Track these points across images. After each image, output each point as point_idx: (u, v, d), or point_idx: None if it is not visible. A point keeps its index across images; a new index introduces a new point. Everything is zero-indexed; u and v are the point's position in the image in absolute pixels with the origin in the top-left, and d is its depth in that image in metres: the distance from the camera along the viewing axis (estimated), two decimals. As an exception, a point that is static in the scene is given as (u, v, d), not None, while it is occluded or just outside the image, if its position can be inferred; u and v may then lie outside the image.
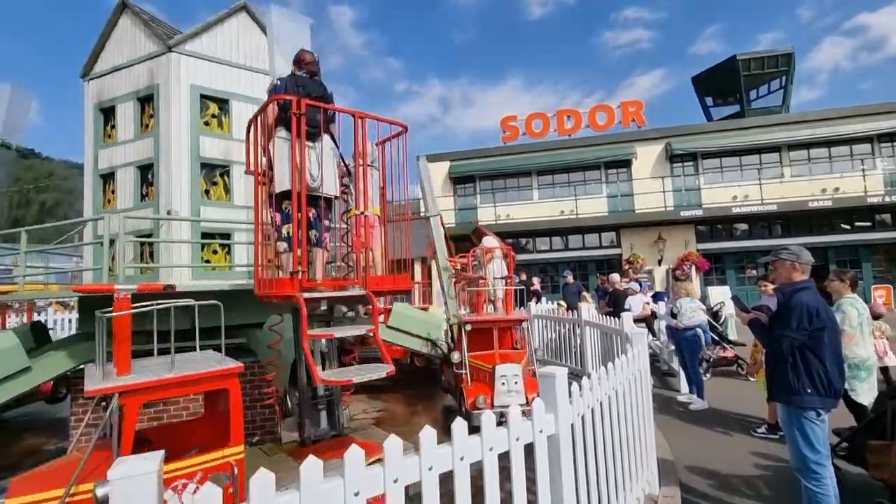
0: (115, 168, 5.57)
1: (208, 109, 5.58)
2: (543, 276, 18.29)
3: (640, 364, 3.58)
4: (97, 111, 5.74)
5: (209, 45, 5.58)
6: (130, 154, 5.51)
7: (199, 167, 5.37)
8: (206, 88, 5.50)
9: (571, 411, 2.39)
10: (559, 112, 19.78)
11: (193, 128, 5.36)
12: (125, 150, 5.55)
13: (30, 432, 6.23)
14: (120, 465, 1.18)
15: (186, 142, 5.28)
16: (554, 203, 18.99)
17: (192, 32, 5.44)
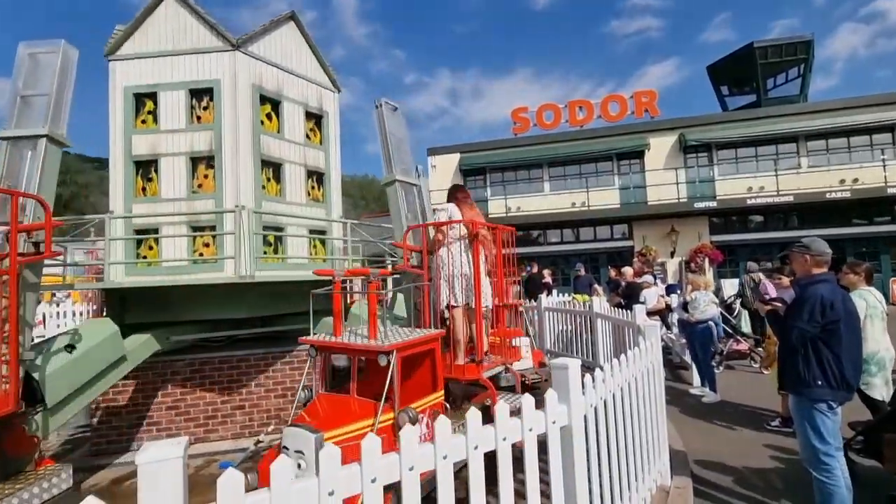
0: (159, 156, 5.55)
1: (263, 108, 5.80)
2: (554, 268, 18.23)
3: (652, 356, 3.58)
4: (129, 95, 5.66)
5: (265, 48, 5.84)
6: (181, 144, 5.52)
7: (260, 164, 5.58)
8: (264, 89, 5.75)
9: (584, 402, 2.41)
10: (571, 103, 19.58)
11: (256, 126, 5.58)
12: (172, 138, 5.55)
13: None
14: (149, 450, 1.24)
15: (249, 138, 5.49)
16: (565, 195, 18.88)
17: (254, 34, 5.65)
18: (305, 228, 6.22)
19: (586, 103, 19.59)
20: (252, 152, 5.57)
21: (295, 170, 6.16)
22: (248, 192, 5.48)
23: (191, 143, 5.55)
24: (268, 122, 5.93)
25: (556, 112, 19.57)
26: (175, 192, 5.54)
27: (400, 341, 3.39)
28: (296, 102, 6.18)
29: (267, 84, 5.85)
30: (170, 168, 5.57)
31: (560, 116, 19.49)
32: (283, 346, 5.99)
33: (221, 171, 5.43)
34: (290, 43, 6.24)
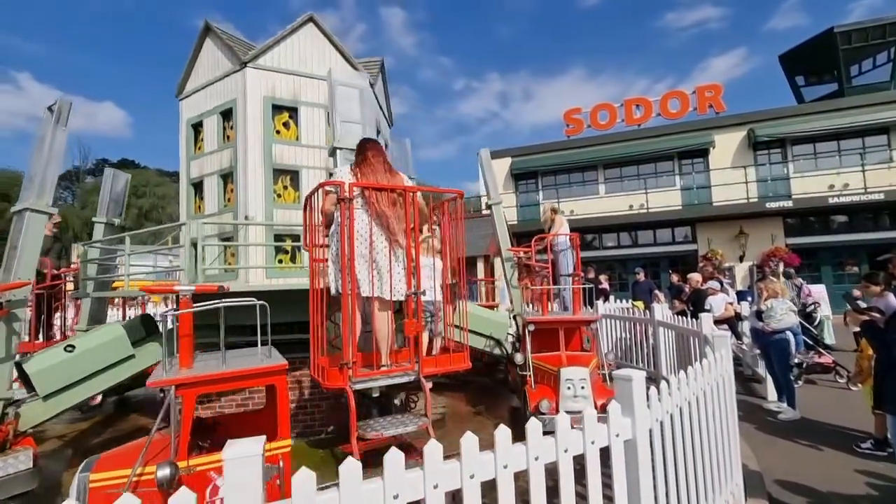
0: (203, 177, 6.11)
1: (279, 118, 5.96)
2: (611, 273, 17.61)
3: (722, 368, 3.37)
4: (189, 126, 6.33)
5: (280, 57, 5.95)
6: (214, 164, 6.00)
7: (272, 173, 5.76)
8: (277, 98, 5.86)
9: (650, 416, 2.31)
10: (627, 101, 18.90)
11: (267, 136, 5.75)
12: (210, 160, 6.06)
13: (141, 411, 7.03)
14: (232, 447, 1.33)
15: (260, 150, 5.68)
16: (622, 197, 18.21)
17: (265, 47, 5.82)
18: None
19: (643, 101, 18.83)
20: (263, 163, 5.70)
21: (315, 175, 6.07)
22: (259, 203, 5.63)
23: (219, 163, 5.94)
24: (284, 130, 6.01)
25: (612, 112, 18.95)
26: (211, 208, 6.01)
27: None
28: (316, 105, 6.12)
29: (281, 93, 5.93)
30: (209, 186, 6.06)
31: (615, 116, 18.86)
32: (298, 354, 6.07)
33: (237, 186, 5.69)
34: (310, 46, 6.23)
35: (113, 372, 4.75)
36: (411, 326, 3.35)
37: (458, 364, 3.69)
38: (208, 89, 6.13)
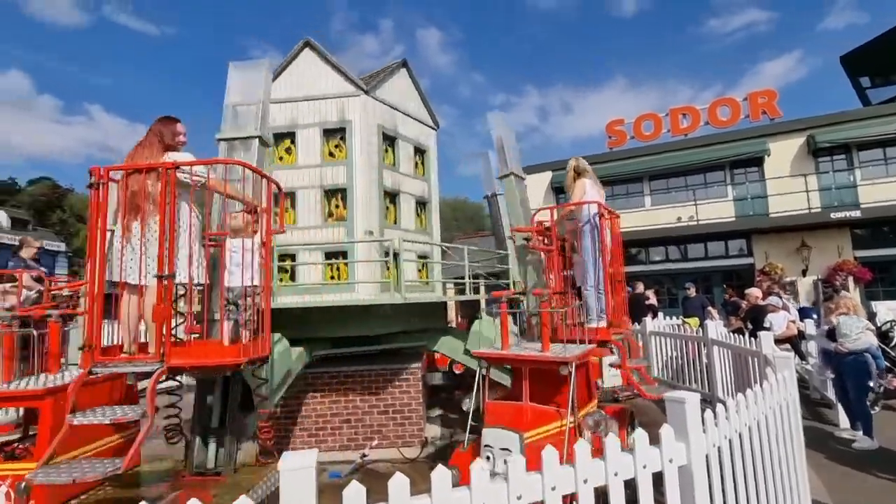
0: (295, 189, 6.23)
1: (384, 145, 6.45)
2: (658, 288, 16.93)
3: (786, 391, 3.15)
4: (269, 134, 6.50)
5: (386, 92, 6.55)
6: (315, 178, 6.19)
7: (383, 194, 6.18)
8: (385, 129, 6.42)
9: (706, 441, 2.20)
10: (673, 111, 18.35)
11: (380, 161, 6.23)
12: (308, 173, 6.23)
13: None
14: (289, 458, 1.40)
15: (375, 172, 6.13)
16: (669, 209, 17.56)
17: (378, 80, 6.41)
18: (414, 253, 6.56)
19: (690, 110, 18.21)
20: (377, 184, 6.17)
21: (407, 199, 6.72)
22: (374, 221, 6.04)
23: (323, 178, 6.19)
24: (387, 156, 6.57)
25: (657, 122, 18.44)
26: (308, 220, 6.18)
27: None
28: (407, 139, 6.82)
29: (387, 124, 6.51)
30: (305, 199, 6.22)
31: (661, 126, 18.33)
32: (385, 365, 6.29)
33: (352, 203, 5.99)
34: (403, 87, 6.98)
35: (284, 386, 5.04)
36: (158, 312, 3.00)
37: (214, 356, 3.19)
38: (305, 103, 6.36)
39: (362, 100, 6.15)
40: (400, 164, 6.64)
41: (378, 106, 6.36)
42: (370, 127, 6.18)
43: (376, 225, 6.04)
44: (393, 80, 6.75)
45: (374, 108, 6.28)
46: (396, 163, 6.61)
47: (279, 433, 6.09)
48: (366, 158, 6.07)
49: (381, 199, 6.21)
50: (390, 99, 6.60)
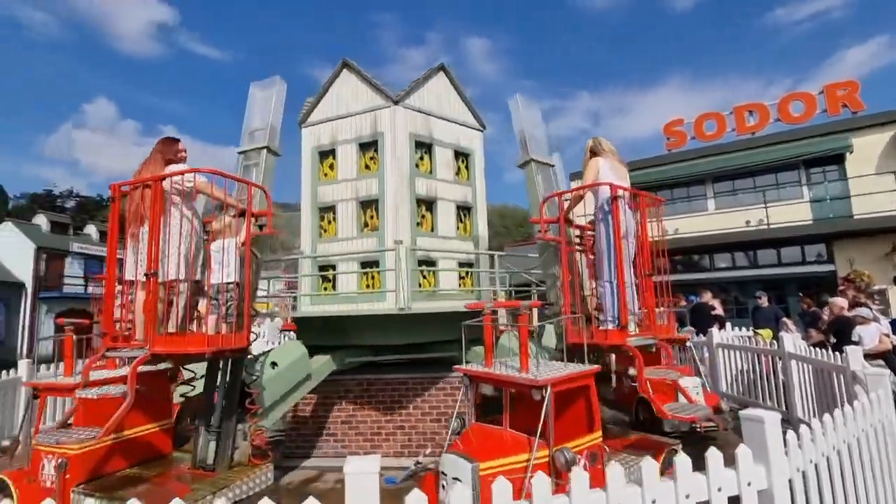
0: (334, 202, 6.51)
1: (418, 153, 6.49)
2: (725, 297, 15.87)
3: (881, 412, 2.85)
4: (315, 153, 6.78)
5: (420, 99, 6.55)
6: (350, 191, 6.44)
7: (415, 203, 6.25)
8: (419, 136, 6.44)
9: (788, 464, 2.02)
10: (738, 108, 17.26)
11: (412, 169, 6.27)
12: (346, 187, 6.48)
13: None
14: (353, 463, 1.44)
15: (407, 182, 6.17)
16: (736, 212, 16.48)
17: (410, 89, 6.46)
18: (454, 261, 6.54)
19: (758, 106, 17.05)
20: (409, 194, 6.17)
21: (445, 206, 6.61)
22: (406, 230, 6.02)
23: (358, 190, 6.39)
24: (422, 164, 6.55)
25: (720, 120, 17.43)
26: (346, 232, 6.40)
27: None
28: (445, 145, 6.71)
29: (421, 131, 6.48)
30: (343, 211, 6.46)
31: (724, 125, 17.30)
32: (437, 372, 6.31)
33: (383, 213, 6.10)
34: (441, 91, 6.85)
35: (300, 391, 5.26)
36: (145, 305, 3.44)
37: (189, 345, 3.53)
38: (345, 120, 6.62)
39: (392, 110, 6.23)
40: (437, 170, 6.56)
41: (410, 114, 6.34)
42: (401, 136, 6.22)
43: (407, 234, 5.96)
44: (428, 86, 6.67)
45: (404, 117, 6.28)
46: (433, 169, 6.55)
47: (341, 440, 6.25)
48: (395, 168, 6.10)
49: (413, 208, 6.17)
50: (425, 105, 6.55)
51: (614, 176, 4.11)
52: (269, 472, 4.13)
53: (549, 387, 3.16)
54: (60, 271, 22.04)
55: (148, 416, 4.28)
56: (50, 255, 21.71)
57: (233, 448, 4.08)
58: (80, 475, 3.67)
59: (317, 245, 6.59)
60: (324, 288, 6.53)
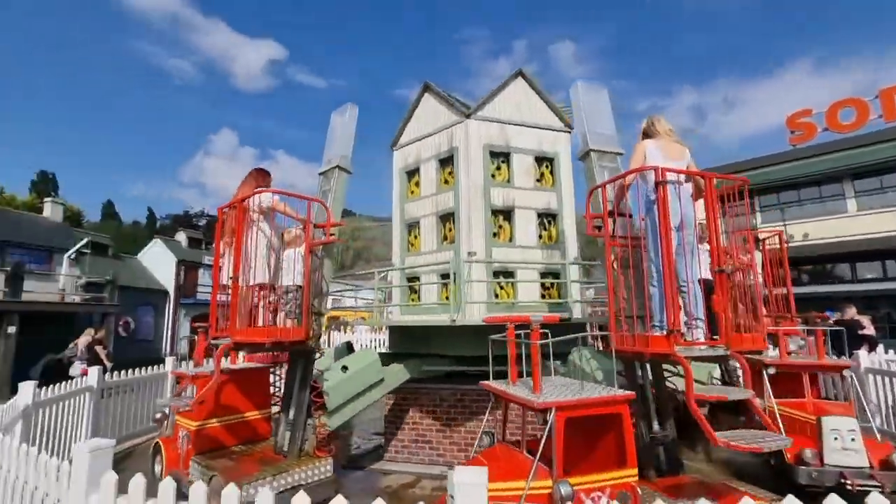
0: (419, 218, 6.84)
1: (493, 163, 6.50)
2: (874, 313, 13.41)
3: None
4: (403, 174, 7.23)
5: (495, 109, 6.59)
6: (431, 206, 6.70)
7: (490, 213, 6.26)
8: (494, 146, 6.46)
9: None
10: (884, 91, 14.69)
11: (486, 180, 6.32)
12: (427, 203, 6.78)
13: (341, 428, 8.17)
14: (460, 474, 1.41)
15: (480, 193, 6.23)
16: (884, 214, 13.95)
17: (483, 101, 6.54)
18: (536, 271, 6.28)
19: (914, 87, 14.35)
20: (483, 205, 6.16)
21: (524, 214, 6.43)
22: (480, 241, 6.03)
23: (437, 205, 6.59)
24: (498, 173, 6.50)
25: (861, 108, 14.98)
26: (428, 246, 6.63)
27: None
28: (525, 151, 6.58)
29: (496, 141, 6.45)
30: (426, 226, 6.74)
31: (867, 112, 14.83)
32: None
33: (458, 225, 6.19)
34: (519, 97, 6.77)
35: (373, 393, 5.56)
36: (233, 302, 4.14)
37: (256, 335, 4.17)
38: (426, 140, 6.94)
39: (465, 124, 6.35)
40: (515, 178, 6.44)
41: (483, 126, 6.37)
42: (474, 148, 6.29)
43: (481, 245, 5.97)
44: (505, 94, 6.63)
45: (477, 129, 6.34)
46: (511, 178, 6.45)
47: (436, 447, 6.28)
48: (468, 180, 6.18)
49: (488, 219, 6.15)
50: (502, 114, 6.52)
51: (664, 158, 3.57)
52: (328, 465, 4.47)
53: (554, 410, 2.93)
54: (195, 281, 25.49)
55: (252, 405, 5.18)
56: (187, 266, 25.24)
57: (302, 439, 4.60)
58: (198, 446, 4.66)
59: (405, 258, 6.92)
60: (411, 299, 6.76)
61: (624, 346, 3.43)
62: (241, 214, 4.27)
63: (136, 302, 21.70)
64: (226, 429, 4.95)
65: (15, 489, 2.88)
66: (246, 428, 5.13)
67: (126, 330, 20.51)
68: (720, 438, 2.74)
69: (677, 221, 3.38)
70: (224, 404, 4.96)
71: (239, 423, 5.09)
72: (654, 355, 3.28)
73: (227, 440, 4.92)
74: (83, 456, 2.22)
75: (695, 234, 3.53)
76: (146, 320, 22.77)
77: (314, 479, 4.28)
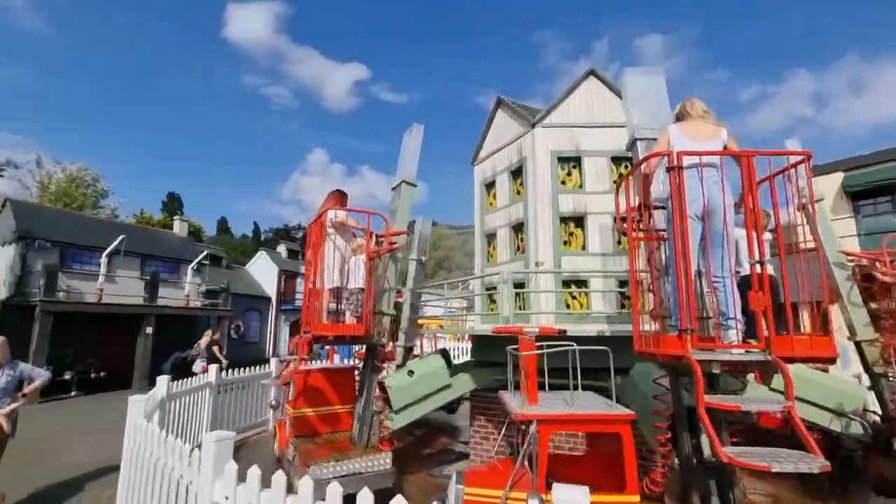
0: (496, 229, 7.02)
1: (563, 169, 6.39)
2: None
3: None
4: (482, 187, 7.49)
5: (563, 114, 6.48)
6: (505, 218, 6.85)
7: (559, 222, 6.11)
8: (562, 152, 6.38)
9: None
10: None
11: (553, 188, 6.25)
12: (501, 214, 6.95)
13: (440, 433, 8.24)
14: (560, 491, 1.32)
15: (548, 201, 6.18)
16: None
17: (551, 106, 6.47)
18: (615, 280, 5.85)
19: None
20: (550, 214, 6.04)
21: (598, 220, 6.10)
22: (547, 251, 5.90)
23: (510, 216, 6.68)
24: (569, 179, 6.30)
25: None
26: (503, 257, 6.73)
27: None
28: (599, 153, 6.27)
29: (565, 146, 6.26)
30: (501, 238, 6.87)
31: None
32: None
33: (527, 236, 6.20)
34: (592, 98, 6.51)
35: (439, 397, 5.85)
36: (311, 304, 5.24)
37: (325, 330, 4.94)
38: (501, 153, 7.13)
39: (531, 135, 6.34)
40: (587, 183, 6.16)
41: (550, 133, 6.25)
42: (541, 157, 6.23)
43: (549, 254, 5.86)
44: (575, 97, 6.42)
45: (543, 137, 6.26)
46: (582, 183, 6.19)
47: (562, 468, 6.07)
48: (535, 190, 6.15)
49: (556, 228, 5.99)
50: (571, 119, 6.33)
51: (690, 140, 3.24)
52: (387, 459, 4.77)
53: (535, 422, 2.98)
54: (294, 288, 27.75)
55: (339, 400, 6.04)
56: (287, 276, 27.54)
57: (369, 432, 5.09)
58: (296, 430, 5.62)
59: (485, 269, 7.14)
60: (490, 308, 6.82)
61: (642, 349, 3.17)
62: (318, 230, 5.07)
63: (245, 307, 24.15)
64: (318, 418, 5.82)
65: (156, 468, 3.29)
66: (334, 419, 5.91)
67: (236, 332, 22.87)
68: (726, 453, 2.42)
69: (698, 209, 3.05)
70: (316, 397, 5.86)
71: (329, 415, 5.93)
72: (666, 357, 2.96)
73: (319, 427, 5.74)
74: (210, 445, 2.47)
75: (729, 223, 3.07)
76: (253, 324, 25.23)
77: (372, 469, 4.62)
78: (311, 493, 2.07)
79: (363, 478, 4.48)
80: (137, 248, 17.41)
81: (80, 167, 29.07)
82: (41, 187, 27.46)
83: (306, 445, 5.22)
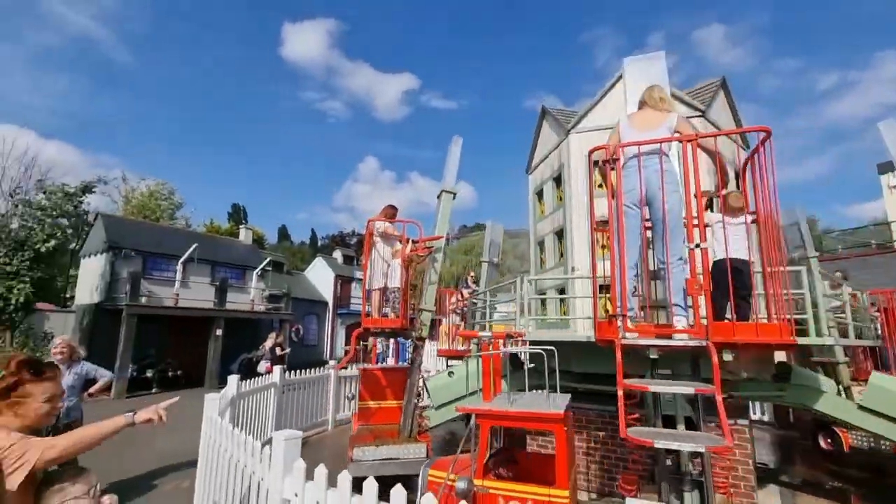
0: (544, 237, 7.19)
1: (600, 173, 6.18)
2: None
3: None
4: (534, 195, 7.67)
5: (597, 117, 6.33)
6: (550, 225, 6.98)
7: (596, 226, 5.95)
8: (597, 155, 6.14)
9: None
10: None
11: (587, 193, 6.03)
12: (548, 221, 7.11)
13: None
14: None
15: (584, 206, 6.13)
16: None
17: (585, 110, 6.32)
18: None
19: None
20: (586, 219, 5.82)
21: None
22: (582, 257, 5.87)
23: (553, 223, 6.79)
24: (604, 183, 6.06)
25: None
26: (550, 263, 6.85)
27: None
28: None
29: None
30: (548, 245, 7.04)
31: None
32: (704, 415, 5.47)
33: (565, 242, 6.29)
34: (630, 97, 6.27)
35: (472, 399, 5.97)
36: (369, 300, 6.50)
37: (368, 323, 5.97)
38: (545, 162, 7.31)
39: (567, 141, 6.33)
40: None
41: (584, 137, 6.14)
42: (575, 162, 6.16)
43: (584, 261, 5.80)
44: (609, 98, 6.18)
45: (578, 142, 6.21)
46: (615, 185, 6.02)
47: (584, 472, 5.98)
48: (570, 196, 6.14)
49: (590, 234, 5.71)
50: (606, 120, 6.04)
51: (634, 132, 3.41)
52: (422, 449, 5.17)
53: (474, 416, 3.41)
54: (349, 293, 28.66)
55: (394, 395, 6.56)
56: (343, 280, 28.51)
57: (412, 424, 5.60)
58: (362, 419, 6.35)
59: (538, 274, 7.25)
60: (542, 316, 6.87)
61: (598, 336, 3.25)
62: (368, 238, 6.10)
63: (304, 311, 25.24)
64: (378, 410, 6.52)
65: (230, 464, 3.54)
66: (392, 412, 6.47)
67: (297, 335, 23.96)
68: (628, 432, 2.58)
69: (635, 197, 3.25)
70: (376, 392, 6.57)
71: (388, 408, 6.57)
72: (602, 342, 3.07)
73: (379, 419, 6.40)
74: (280, 443, 2.64)
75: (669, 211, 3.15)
76: (311, 327, 26.31)
77: (407, 456, 5.05)
78: (375, 493, 2.16)
79: (399, 463, 4.97)
80: (208, 255, 18.75)
81: (159, 182, 31.74)
82: (125, 201, 30.23)
83: (360, 433, 5.87)
